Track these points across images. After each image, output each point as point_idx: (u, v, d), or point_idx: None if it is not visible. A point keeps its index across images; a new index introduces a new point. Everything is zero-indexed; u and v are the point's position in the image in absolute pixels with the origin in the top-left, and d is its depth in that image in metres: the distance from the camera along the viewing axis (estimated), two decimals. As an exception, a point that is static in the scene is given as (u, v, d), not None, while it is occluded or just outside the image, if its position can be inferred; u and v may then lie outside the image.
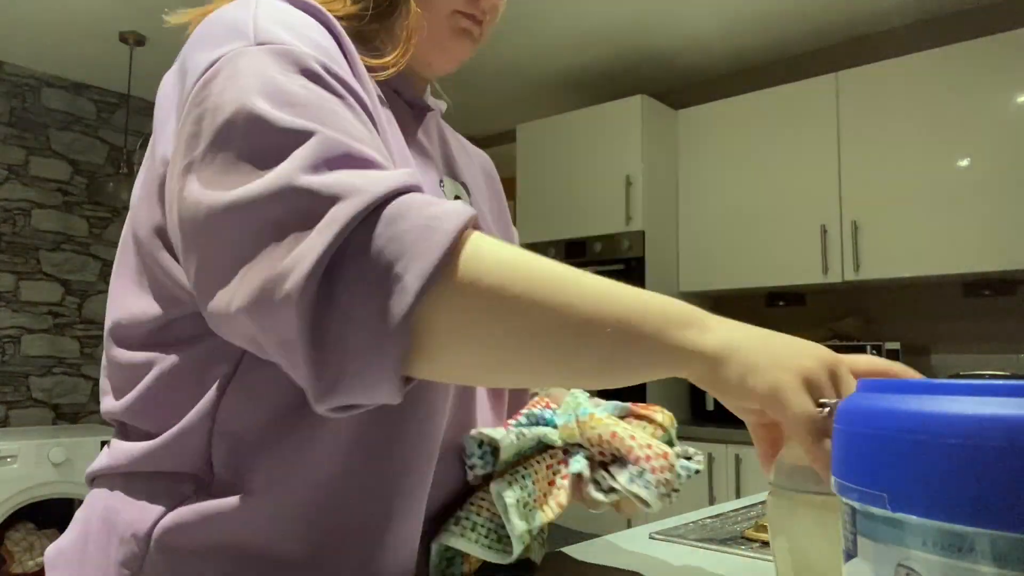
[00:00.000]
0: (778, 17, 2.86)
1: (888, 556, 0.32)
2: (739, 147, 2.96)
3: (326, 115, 0.47)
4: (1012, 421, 0.27)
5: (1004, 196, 2.36)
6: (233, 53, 0.49)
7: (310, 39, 0.52)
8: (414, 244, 0.42)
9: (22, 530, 2.79)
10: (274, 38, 0.50)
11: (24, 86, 3.40)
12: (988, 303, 2.65)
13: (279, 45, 0.50)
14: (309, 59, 0.50)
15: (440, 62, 0.69)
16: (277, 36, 0.50)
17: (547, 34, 3.03)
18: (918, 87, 2.54)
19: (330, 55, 0.53)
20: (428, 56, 0.68)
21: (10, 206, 3.34)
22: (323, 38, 0.54)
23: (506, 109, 3.91)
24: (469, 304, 0.44)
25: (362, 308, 0.42)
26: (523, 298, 0.45)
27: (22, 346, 3.35)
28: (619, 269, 2.97)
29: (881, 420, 0.32)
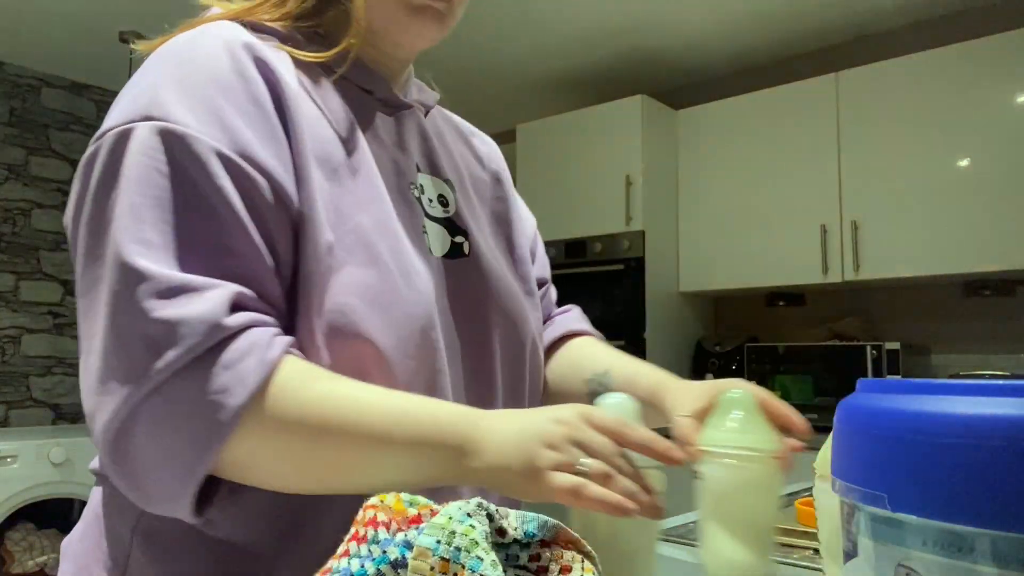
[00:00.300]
0: (778, 17, 2.86)
1: (888, 556, 0.32)
2: (739, 147, 2.96)
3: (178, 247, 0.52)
4: (1012, 421, 0.27)
5: (1004, 196, 2.36)
6: (118, 132, 0.54)
7: (208, 106, 0.54)
8: (203, 421, 0.49)
9: (22, 530, 2.79)
10: (168, 115, 0.53)
11: (24, 86, 3.40)
12: (988, 303, 2.65)
13: (165, 123, 0.53)
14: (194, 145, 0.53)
15: (406, 42, 0.68)
16: (172, 114, 0.53)
17: (547, 34, 3.03)
18: (918, 87, 2.54)
19: (227, 120, 0.54)
20: (393, 38, 0.67)
21: (10, 206, 3.34)
22: (233, 93, 0.56)
23: (506, 109, 3.91)
24: (263, 442, 0.51)
25: (157, 468, 0.50)
26: (311, 434, 0.51)
27: (22, 346, 3.35)
28: (619, 269, 2.97)
29: (881, 420, 0.32)
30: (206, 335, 0.49)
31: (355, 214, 0.59)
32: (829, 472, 0.51)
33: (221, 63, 0.57)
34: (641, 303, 2.91)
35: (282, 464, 0.52)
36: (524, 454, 0.51)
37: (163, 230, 0.51)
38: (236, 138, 0.54)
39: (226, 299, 0.51)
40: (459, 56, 3.19)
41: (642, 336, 2.90)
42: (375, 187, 0.62)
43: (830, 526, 0.57)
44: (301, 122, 0.58)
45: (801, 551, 0.75)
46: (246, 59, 0.58)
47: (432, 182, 0.70)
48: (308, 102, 0.61)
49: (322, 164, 0.59)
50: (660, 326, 2.99)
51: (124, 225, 0.51)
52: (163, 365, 0.49)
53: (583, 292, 3.03)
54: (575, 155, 3.19)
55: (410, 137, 0.70)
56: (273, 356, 0.51)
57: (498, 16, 2.87)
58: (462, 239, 0.70)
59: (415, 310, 0.60)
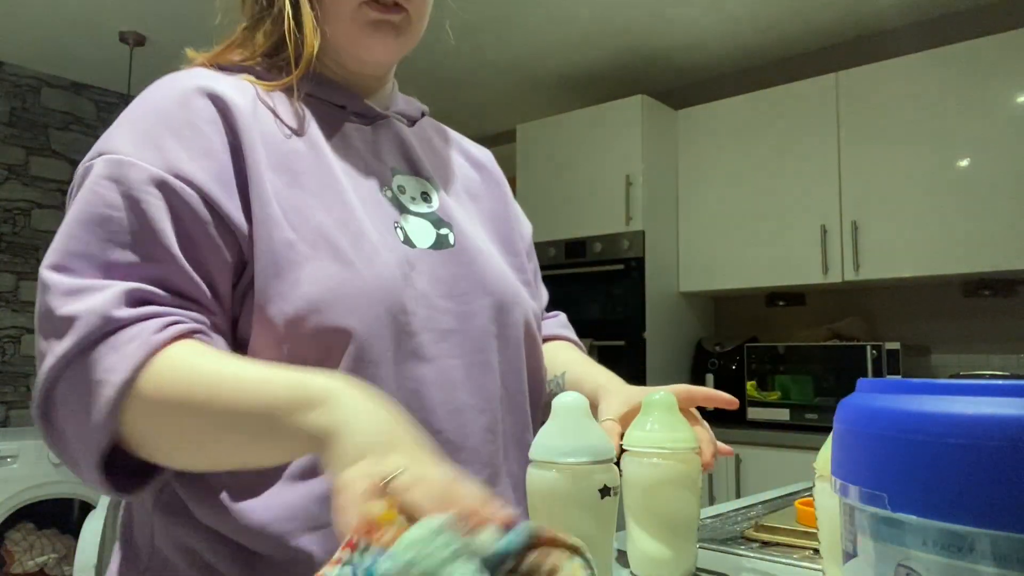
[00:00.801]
0: (778, 17, 2.86)
1: (888, 556, 0.32)
2: (739, 147, 2.96)
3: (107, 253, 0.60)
4: (1012, 421, 0.27)
5: (1004, 196, 2.36)
6: (81, 170, 0.65)
7: (150, 137, 0.63)
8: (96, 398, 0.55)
9: (22, 530, 2.79)
10: (112, 148, 0.63)
11: (24, 86, 3.40)
12: (988, 303, 2.65)
13: (112, 155, 0.62)
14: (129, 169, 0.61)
15: (368, 58, 0.73)
16: (115, 147, 0.63)
17: (547, 34, 3.03)
18: (918, 87, 2.54)
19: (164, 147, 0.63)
20: (355, 54, 0.72)
21: (10, 206, 3.34)
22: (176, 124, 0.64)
23: (506, 109, 3.91)
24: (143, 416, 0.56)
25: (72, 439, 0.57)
26: (175, 404, 0.55)
27: (22, 346, 3.35)
28: (619, 269, 2.97)
29: (881, 420, 0.32)
30: (97, 326, 0.56)
31: (316, 214, 0.65)
32: (829, 472, 0.54)
33: (165, 99, 0.66)
34: (641, 303, 2.91)
35: (161, 439, 0.57)
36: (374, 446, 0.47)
37: (85, 241, 0.59)
38: (167, 157, 0.62)
39: (119, 294, 0.57)
40: (459, 56, 3.19)
41: (642, 336, 2.90)
42: (337, 190, 0.68)
43: (830, 526, 0.58)
44: (255, 138, 0.65)
45: (801, 551, 0.75)
46: (191, 92, 0.66)
47: (414, 181, 0.76)
48: (267, 121, 0.68)
49: (280, 172, 0.66)
50: (660, 326, 2.99)
51: (55, 244, 0.60)
52: (62, 352, 0.56)
53: (583, 292, 3.03)
54: (575, 155, 3.19)
55: (385, 143, 0.76)
56: (157, 340, 0.56)
57: (498, 16, 2.87)
58: (447, 231, 0.74)
59: (380, 295, 0.64)
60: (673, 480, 0.64)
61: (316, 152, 0.69)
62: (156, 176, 0.61)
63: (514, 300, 0.76)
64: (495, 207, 0.85)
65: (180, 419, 0.55)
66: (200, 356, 0.57)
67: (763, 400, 2.71)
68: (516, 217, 0.89)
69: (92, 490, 2.78)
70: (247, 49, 0.73)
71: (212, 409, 0.54)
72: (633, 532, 0.66)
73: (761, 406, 2.70)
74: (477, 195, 0.84)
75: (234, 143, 0.65)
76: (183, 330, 0.58)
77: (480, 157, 0.90)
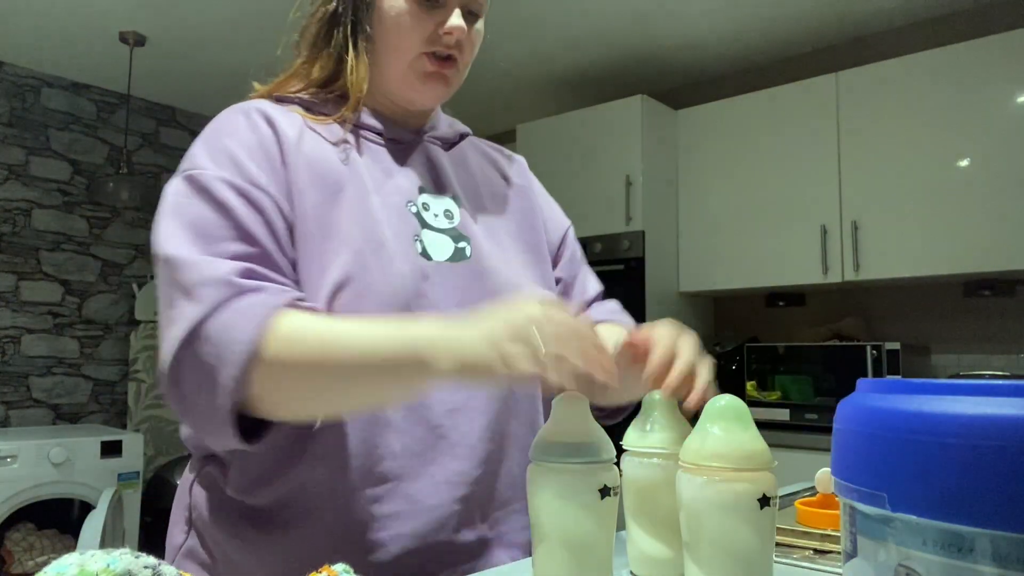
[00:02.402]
0: (778, 17, 2.86)
1: (888, 556, 0.32)
2: (739, 147, 2.96)
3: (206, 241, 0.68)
4: (1012, 421, 0.27)
5: (1004, 196, 2.36)
6: (167, 188, 0.73)
7: (224, 154, 0.73)
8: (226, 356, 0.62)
9: (22, 530, 2.79)
10: (198, 165, 0.72)
11: (24, 86, 3.40)
12: (988, 303, 2.65)
13: (192, 171, 0.72)
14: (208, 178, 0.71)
15: (417, 102, 0.83)
16: (200, 164, 0.72)
17: (547, 34, 3.03)
18: (918, 87, 2.54)
19: (237, 161, 0.72)
20: (406, 97, 0.82)
21: (10, 206, 3.34)
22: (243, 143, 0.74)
23: (506, 109, 3.91)
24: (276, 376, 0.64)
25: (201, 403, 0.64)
26: (313, 366, 0.63)
27: (22, 346, 3.35)
28: (619, 269, 2.97)
29: (881, 420, 0.32)
30: (223, 292, 0.64)
31: (345, 227, 0.74)
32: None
33: (237, 124, 0.76)
34: (641, 303, 2.91)
35: (291, 393, 0.65)
36: (487, 345, 0.59)
37: (188, 237, 0.68)
38: (244, 171, 0.72)
39: (237, 268, 0.65)
40: (459, 56, 3.19)
41: (642, 336, 2.90)
42: (366, 205, 0.76)
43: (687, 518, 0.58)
44: (300, 161, 0.75)
45: (801, 551, 0.75)
46: (256, 118, 0.76)
47: (439, 200, 0.83)
48: (312, 144, 0.77)
49: (318, 187, 0.75)
50: (660, 326, 2.99)
51: (163, 239, 0.69)
52: (193, 318, 0.63)
53: (583, 292, 3.03)
54: (575, 155, 3.19)
55: (415, 165, 0.84)
56: (278, 301, 0.64)
57: (498, 16, 2.87)
58: (464, 244, 0.81)
59: (393, 300, 0.72)
60: (672, 480, 0.63)
61: (352, 170, 0.78)
62: (234, 182, 0.70)
63: None
64: (522, 218, 0.92)
65: (312, 374, 0.63)
66: (320, 319, 0.65)
67: (763, 400, 2.71)
68: (544, 223, 0.95)
69: (92, 490, 2.78)
70: (301, 80, 0.83)
71: (343, 364, 0.62)
72: (632, 532, 0.66)
73: (761, 406, 2.70)
74: (504, 209, 0.91)
75: (284, 161, 0.75)
76: (297, 296, 0.67)
77: (511, 169, 0.98)
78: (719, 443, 0.55)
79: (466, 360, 0.59)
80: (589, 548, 0.57)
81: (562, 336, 0.58)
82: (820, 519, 0.79)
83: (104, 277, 3.62)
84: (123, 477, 2.87)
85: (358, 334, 0.63)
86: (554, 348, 0.57)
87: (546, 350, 0.57)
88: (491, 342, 0.59)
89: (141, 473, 2.96)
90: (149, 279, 3.77)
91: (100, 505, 2.71)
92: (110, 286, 3.65)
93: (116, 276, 3.67)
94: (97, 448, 2.82)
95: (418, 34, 0.78)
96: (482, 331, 0.60)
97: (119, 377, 3.66)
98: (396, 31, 0.78)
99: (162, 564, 0.42)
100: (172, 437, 3.71)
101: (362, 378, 0.63)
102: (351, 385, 0.64)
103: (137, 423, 3.61)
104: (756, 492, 0.53)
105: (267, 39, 3.01)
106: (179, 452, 3.70)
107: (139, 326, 3.70)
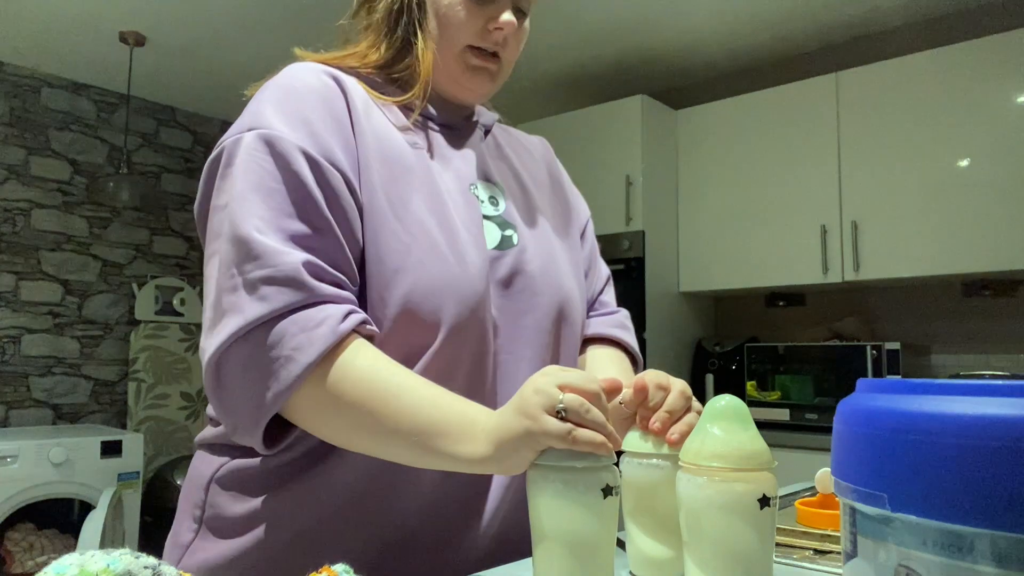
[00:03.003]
0: (778, 17, 2.86)
1: (888, 556, 0.32)
2: (739, 147, 2.96)
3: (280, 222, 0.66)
4: (1012, 421, 0.27)
5: (1004, 196, 2.36)
6: (231, 141, 0.70)
7: (298, 118, 0.70)
8: (278, 370, 0.62)
9: (22, 530, 2.79)
10: (265, 124, 0.69)
11: (24, 86, 3.40)
12: (988, 303, 2.65)
13: (265, 131, 0.69)
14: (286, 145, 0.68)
15: (462, 95, 0.83)
16: (269, 124, 0.69)
17: (547, 34, 3.03)
18: (918, 87, 2.54)
19: (312, 128, 0.70)
20: (451, 90, 0.82)
21: (10, 206, 3.34)
22: (317, 108, 0.71)
23: (506, 109, 3.90)
24: (321, 403, 0.64)
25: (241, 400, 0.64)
26: (354, 407, 0.63)
27: (22, 346, 3.35)
28: (619, 269, 2.97)
29: (881, 420, 0.32)
30: (288, 297, 0.62)
31: (417, 207, 0.73)
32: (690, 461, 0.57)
33: (310, 86, 0.73)
34: (641, 303, 2.91)
35: (328, 423, 0.64)
36: (517, 412, 0.59)
37: (262, 209, 0.65)
38: (319, 142, 0.69)
39: (308, 263, 0.64)
40: (459, 56, 3.19)
41: (642, 336, 2.90)
42: (435, 187, 0.75)
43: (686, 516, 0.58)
44: (367, 131, 0.74)
45: (801, 551, 0.75)
46: (330, 83, 0.74)
47: (484, 187, 0.83)
48: (378, 119, 0.76)
49: (387, 164, 0.73)
50: (660, 326, 2.99)
51: (236, 207, 0.66)
52: (254, 316, 0.62)
53: (583, 292, 3.02)
54: (575, 155, 3.19)
55: (467, 152, 0.84)
56: (342, 329, 0.63)
57: (498, 16, 2.87)
58: (511, 232, 0.81)
59: (469, 293, 0.72)
60: (671, 481, 0.63)
61: (417, 152, 0.77)
62: (311, 155, 0.68)
63: (567, 298, 0.83)
64: (553, 198, 0.94)
65: (352, 416, 0.63)
66: (379, 362, 0.64)
67: (763, 400, 2.71)
68: (570, 201, 0.97)
69: (92, 490, 2.78)
70: (357, 60, 0.81)
71: (384, 417, 0.62)
72: (632, 533, 0.66)
73: (761, 406, 2.70)
74: (541, 195, 0.92)
75: (354, 133, 0.73)
76: (361, 319, 0.66)
77: (536, 150, 0.98)
78: (719, 443, 0.55)
79: (502, 438, 0.59)
80: (591, 549, 0.57)
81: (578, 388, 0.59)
82: (820, 519, 0.79)
83: (104, 277, 3.62)
84: (123, 477, 2.87)
85: (415, 396, 0.63)
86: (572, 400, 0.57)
87: (566, 402, 0.57)
88: (519, 410, 0.59)
89: (141, 473, 2.96)
90: (149, 279, 3.77)
91: (100, 505, 2.71)
92: (110, 286, 3.65)
93: (116, 276, 3.67)
94: (97, 448, 2.82)
95: (470, 27, 0.78)
96: (511, 407, 0.60)
97: (119, 377, 3.66)
98: (448, 23, 0.79)
99: (162, 564, 0.42)
100: (172, 437, 3.71)
101: (401, 440, 0.63)
102: (387, 442, 0.63)
103: (137, 423, 3.61)
104: (756, 492, 0.53)
105: (267, 39, 3.01)
106: (179, 452, 3.70)
107: (139, 326, 3.70)
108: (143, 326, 3.70)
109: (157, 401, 3.69)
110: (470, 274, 0.73)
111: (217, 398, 0.66)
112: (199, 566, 0.72)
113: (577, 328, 0.85)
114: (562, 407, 0.57)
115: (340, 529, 0.71)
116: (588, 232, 0.99)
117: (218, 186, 0.70)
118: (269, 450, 0.67)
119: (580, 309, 0.87)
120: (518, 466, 0.59)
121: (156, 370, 3.71)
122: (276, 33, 2.93)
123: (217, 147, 0.72)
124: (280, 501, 0.71)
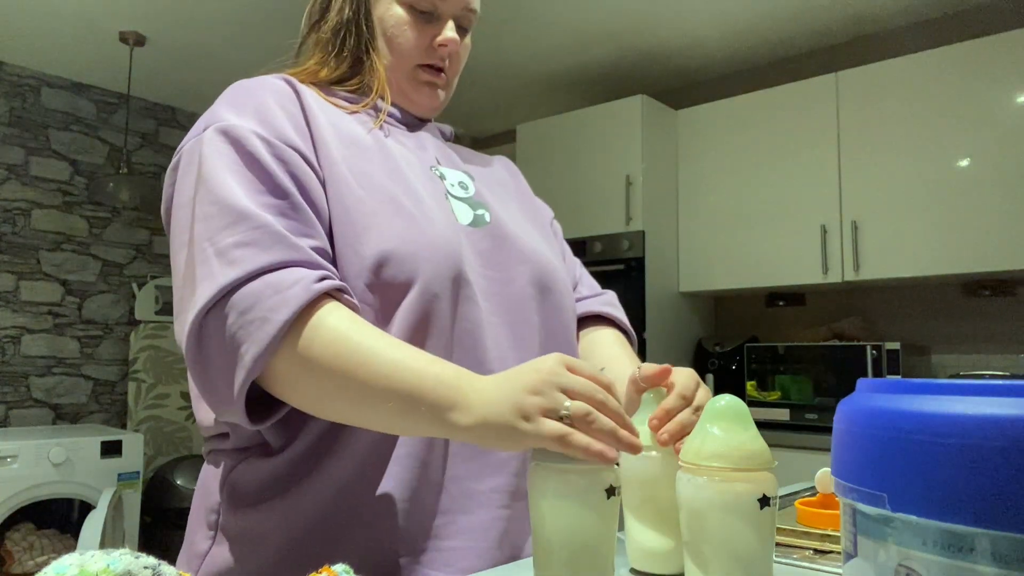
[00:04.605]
0: (778, 17, 2.86)
1: (888, 556, 0.32)
2: (739, 147, 2.96)
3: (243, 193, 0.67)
4: (1012, 421, 0.27)
5: (1004, 196, 2.36)
6: (190, 144, 0.72)
7: (249, 108, 0.73)
8: (253, 332, 0.61)
9: (22, 530, 2.79)
10: (221, 118, 0.72)
11: (24, 86, 3.40)
12: (988, 303, 2.65)
13: (220, 123, 0.71)
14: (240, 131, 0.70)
15: (417, 110, 0.87)
16: (223, 119, 0.72)
17: (547, 34, 3.03)
18: (918, 87, 2.54)
19: (263, 116, 0.72)
20: (402, 105, 0.87)
21: (10, 206, 3.34)
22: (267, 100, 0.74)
23: (506, 109, 3.91)
24: (296, 367, 0.62)
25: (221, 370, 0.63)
26: (328, 369, 0.62)
27: (22, 346, 3.35)
28: (619, 269, 2.97)
29: (881, 420, 0.32)
30: (261, 261, 0.62)
31: (380, 179, 0.74)
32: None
33: (261, 83, 0.76)
34: (641, 303, 2.91)
35: (308, 389, 0.63)
36: (511, 403, 0.57)
37: (235, 182, 0.67)
38: (272, 125, 0.72)
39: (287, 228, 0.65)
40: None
41: (642, 336, 2.90)
42: (396, 165, 0.77)
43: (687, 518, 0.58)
44: (320, 117, 0.76)
45: (801, 551, 0.75)
46: (279, 82, 0.78)
47: (453, 172, 0.85)
48: (333, 112, 0.79)
49: (344, 143, 0.75)
50: (660, 326, 2.99)
51: (210, 185, 0.67)
52: (228, 281, 0.62)
53: (583, 292, 3.02)
54: (575, 155, 3.19)
55: (427, 143, 0.87)
56: (316, 288, 0.63)
57: (497, 16, 2.87)
58: (483, 211, 0.83)
59: (446, 248, 0.73)
60: (670, 474, 0.63)
61: (375, 137, 0.79)
62: (263, 135, 0.70)
63: (549, 266, 0.85)
64: (523, 199, 0.97)
65: (329, 379, 0.62)
66: (356, 325, 0.63)
67: (763, 400, 2.71)
68: (535, 202, 1.00)
69: (92, 490, 2.78)
70: (310, 77, 0.85)
71: (361, 381, 0.61)
72: (631, 527, 0.66)
73: (761, 406, 2.70)
74: (508, 190, 0.95)
75: (307, 123, 0.75)
76: (337, 285, 0.65)
77: (497, 162, 1.01)
78: (719, 443, 0.55)
79: (488, 419, 0.58)
80: (594, 549, 0.57)
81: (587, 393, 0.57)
82: (820, 519, 0.79)
83: (104, 277, 3.62)
84: (123, 477, 2.87)
85: (388, 358, 0.61)
86: (577, 408, 0.56)
87: (571, 410, 0.56)
88: (514, 404, 0.57)
89: (141, 473, 2.96)
90: (149, 279, 3.77)
91: (100, 505, 2.71)
92: (110, 286, 3.65)
93: (116, 276, 3.67)
94: (97, 448, 2.82)
95: (417, 45, 0.83)
96: (505, 392, 0.58)
97: (119, 377, 3.66)
98: (396, 42, 0.83)
99: (162, 564, 0.42)
100: (172, 437, 3.71)
101: (379, 404, 0.61)
102: (365, 407, 0.62)
103: (137, 423, 3.61)
104: (756, 492, 0.53)
105: (267, 39, 3.01)
106: (179, 452, 3.70)
107: (139, 326, 3.70)
108: (143, 326, 3.70)
109: (157, 401, 3.69)
110: (439, 230, 0.73)
111: (196, 375, 0.64)
112: (219, 572, 0.71)
113: (563, 300, 0.85)
114: (567, 414, 0.56)
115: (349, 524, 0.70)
116: (556, 227, 1.02)
117: (179, 186, 0.71)
118: (255, 426, 0.66)
119: (564, 281, 0.87)
120: (495, 448, 0.59)
121: (156, 370, 3.71)
122: (276, 33, 2.93)
123: (176, 154, 0.74)
124: (293, 498, 0.70)
